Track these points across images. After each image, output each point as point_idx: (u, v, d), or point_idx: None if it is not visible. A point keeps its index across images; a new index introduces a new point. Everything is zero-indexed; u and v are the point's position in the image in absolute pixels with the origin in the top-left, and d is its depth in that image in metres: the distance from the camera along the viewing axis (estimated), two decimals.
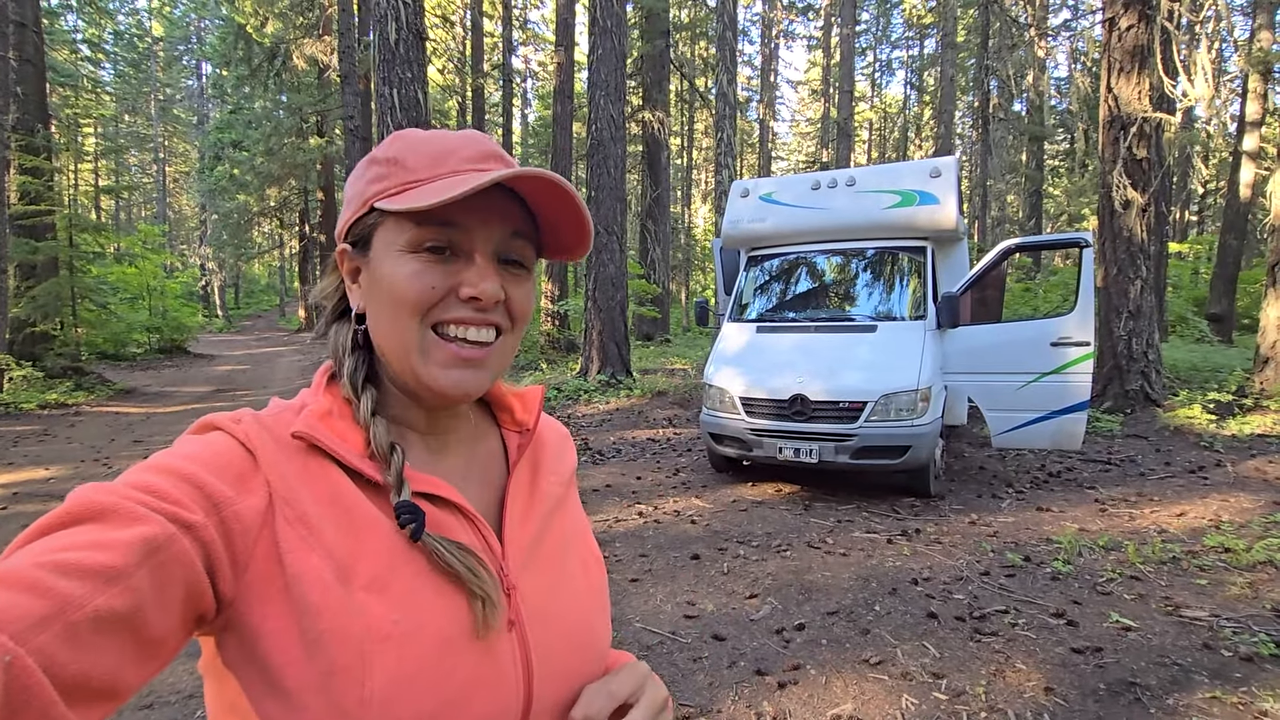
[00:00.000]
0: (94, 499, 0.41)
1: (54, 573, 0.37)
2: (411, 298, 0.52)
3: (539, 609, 0.56)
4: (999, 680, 2.42)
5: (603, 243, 9.65)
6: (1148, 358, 7.20)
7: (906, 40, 33.44)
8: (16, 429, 7.47)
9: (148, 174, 34.04)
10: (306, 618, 0.45)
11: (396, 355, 0.54)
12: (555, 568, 0.60)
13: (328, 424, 0.52)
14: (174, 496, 0.43)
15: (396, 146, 0.55)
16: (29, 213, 10.19)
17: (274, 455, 0.49)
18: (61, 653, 0.35)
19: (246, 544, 0.46)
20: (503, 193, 0.54)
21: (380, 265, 0.54)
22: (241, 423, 0.51)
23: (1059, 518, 4.31)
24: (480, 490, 0.60)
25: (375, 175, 0.55)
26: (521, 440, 0.64)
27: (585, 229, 0.57)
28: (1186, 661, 2.47)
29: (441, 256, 0.53)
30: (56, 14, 23.44)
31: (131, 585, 0.39)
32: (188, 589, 0.42)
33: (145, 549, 0.40)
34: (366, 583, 0.48)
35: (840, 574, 3.43)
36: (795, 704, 2.31)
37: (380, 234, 0.54)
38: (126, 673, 0.39)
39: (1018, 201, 26.09)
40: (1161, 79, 6.78)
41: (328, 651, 0.45)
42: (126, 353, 15.18)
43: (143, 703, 2.34)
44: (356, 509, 0.49)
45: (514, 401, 0.67)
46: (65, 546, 0.38)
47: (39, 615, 0.35)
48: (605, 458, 6.17)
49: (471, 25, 21.22)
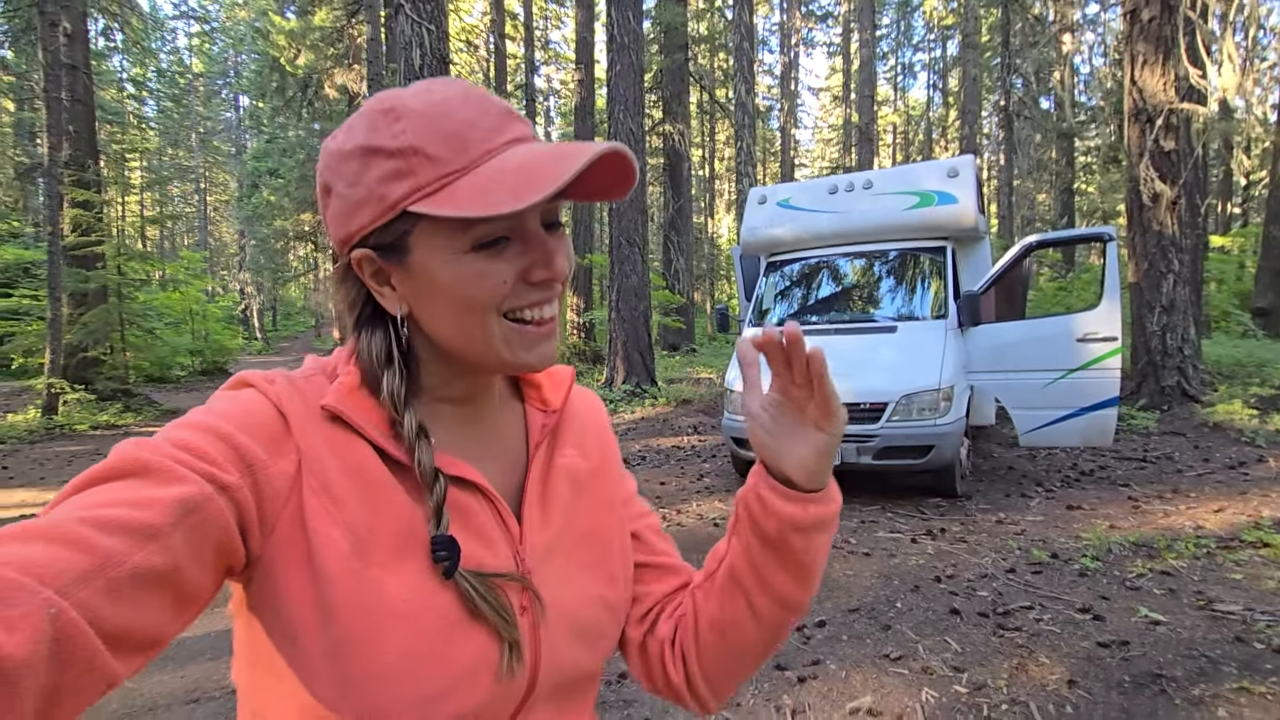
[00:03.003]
0: (137, 455, 0.43)
1: (96, 529, 0.38)
2: (485, 299, 0.50)
3: (552, 598, 0.55)
4: (1021, 674, 2.41)
5: (625, 254, 9.78)
6: (1183, 353, 7.02)
7: (928, 43, 33.18)
8: (71, 449, 7.84)
9: (189, 203, 35.42)
10: (323, 586, 0.46)
11: (473, 349, 0.52)
12: (573, 555, 0.59)
13: (355, 399, 0.52)
14: (212, 456, 0.44)
15: (402, 129, 0.48)
16: (81, 244, 10.70)
17: (304, 421, 0.50)
18: (104, 606, 0.36)
19: (275, 507, 0.47)
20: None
21: (434, 271, 0.50)
22: (275, 384, 0.51)
23: (1089, 515, 4.24)
24: (502, 469, 0.59)
25: (390, 171, 0.48)
26: (546, 420, 0.62)
27: (630, 169, 0.52)
28: (1216, 654, 2.43)
29: (501, 249, 0.50)
30: (104, 55, 24.67)
31: (169, 544, 0.40)
32: (220, 546, 0.44)
33: (183, 508, 0.41)
34: (383, 559, 0.48)
35: (862, 572, 3.43)
36: (814, 698, 2.34)
37: (421, 239, 0.50)
38: (165, 624, 0.41)
39: (1049, 200, 25.60)
40: (1187, 69, 6.67)
41: (340, 621, 0.46)
42: (171, 375, 15.78)
43: (190, 697, 2.47)
44: (378, 484, 0.50)
45: (542, 379, 0.65)
46: (108, 502, 0.40)
47: (82, 570, 0.36)
48: (631, 465, 6.23)
49: (494, 48, 21.72)
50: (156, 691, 2.50)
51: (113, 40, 22.98)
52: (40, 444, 8.14)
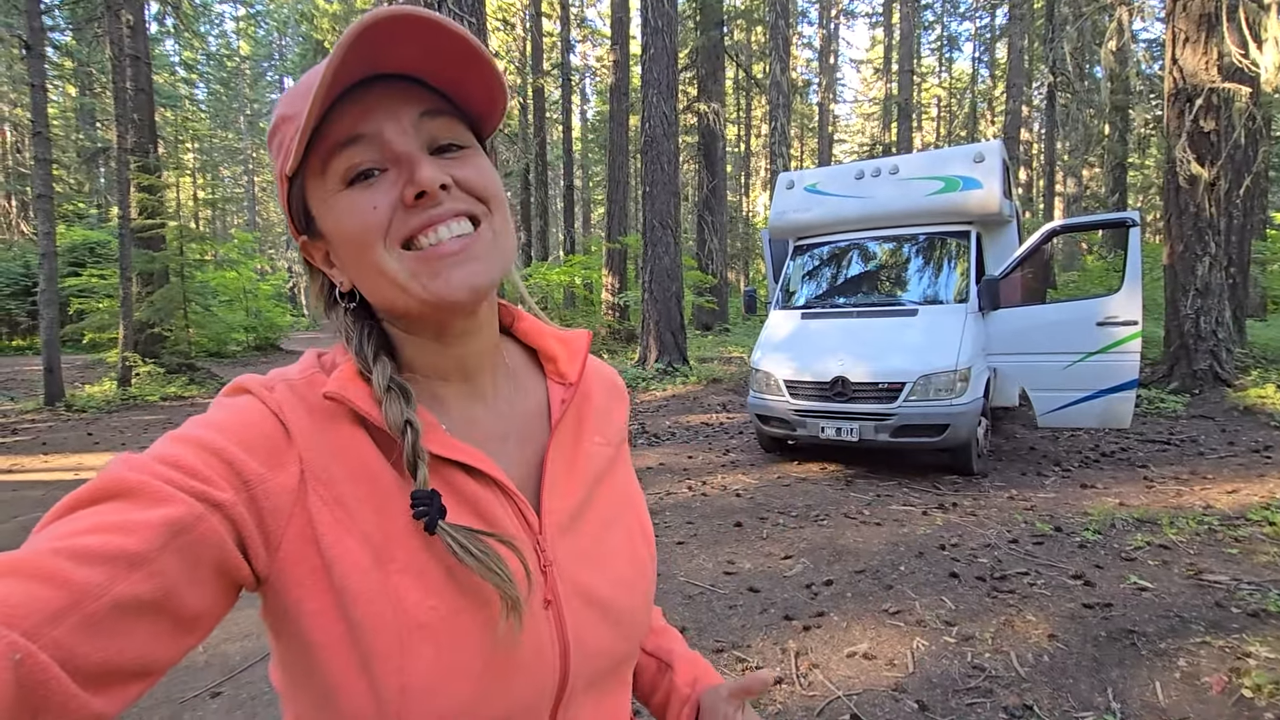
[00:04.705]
0: (122, 476, 0.41)
1: (72, 560, 0.36)
2: (362, 231, 0.48)
3: (577, 585, 0.53)
4: (1007, 629, 2.66)
5: (658, 236, 10.00)
6: (1217, 336, 6.99)
7: (975, 13, 32.06)
8: (146, 418, 8.52)
9: (239, 184, 36.69)
10: (347, 603, 0.45)
11: (391, 294, 0.50)
12: (597, 542, 0.57)
13: (358, 384, 0.50)
14: (203, 474, 0.42)
15: (279, 106, 0.51)
16: (147, 226, 11.41)
17: (306, 428, 0.48)
18: (81, 644, 0.35)
19: (278, 523, 0.45)
20: (390, 82, 0.49)
21: (326, 225, 0.50)
22: (275, 390, 0.49)
23: (1101, 494, 4.40)
24: (520, 452, 0.56)
25: (275, 148, 0.50)
26: (565, 394, 0.60)
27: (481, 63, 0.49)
28: (1190, 615, 2.64)
29: (372, 180, 0.48)
30: (157, 40, 25.63)
31: (156, 569, 0.38)
32: (218, 566, 0.42)
33: (170, 531, 0.39)
34: (403, 565, 0.46)
35: (872, 540, 3.69)
36: (817, 643, 2.63)
37: (313, 202, 0.51)
38: (159, 651, 0.39)
39: (1100, 175, 24.75)
40: (1230, 48, 6.55)
41: (367, 637, 0.44)
42: (228, 350, 16.66)
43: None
44: (386, 485, 0.48)
45: (558, 349, 0.62)
46: (87, 529, 0.38)
47: (55, 608, 0.34)
48: (660, 440, 6.55)
49: (531, 26, 21.88)
50: (249, 621, 2.92)
51: (165, 24, 23.85)
52: (118, 413, 8.85)
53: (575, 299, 18.85)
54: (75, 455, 6.35)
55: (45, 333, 8.66)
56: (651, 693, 0.70)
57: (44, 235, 8.67)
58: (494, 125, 0.56)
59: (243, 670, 2.56)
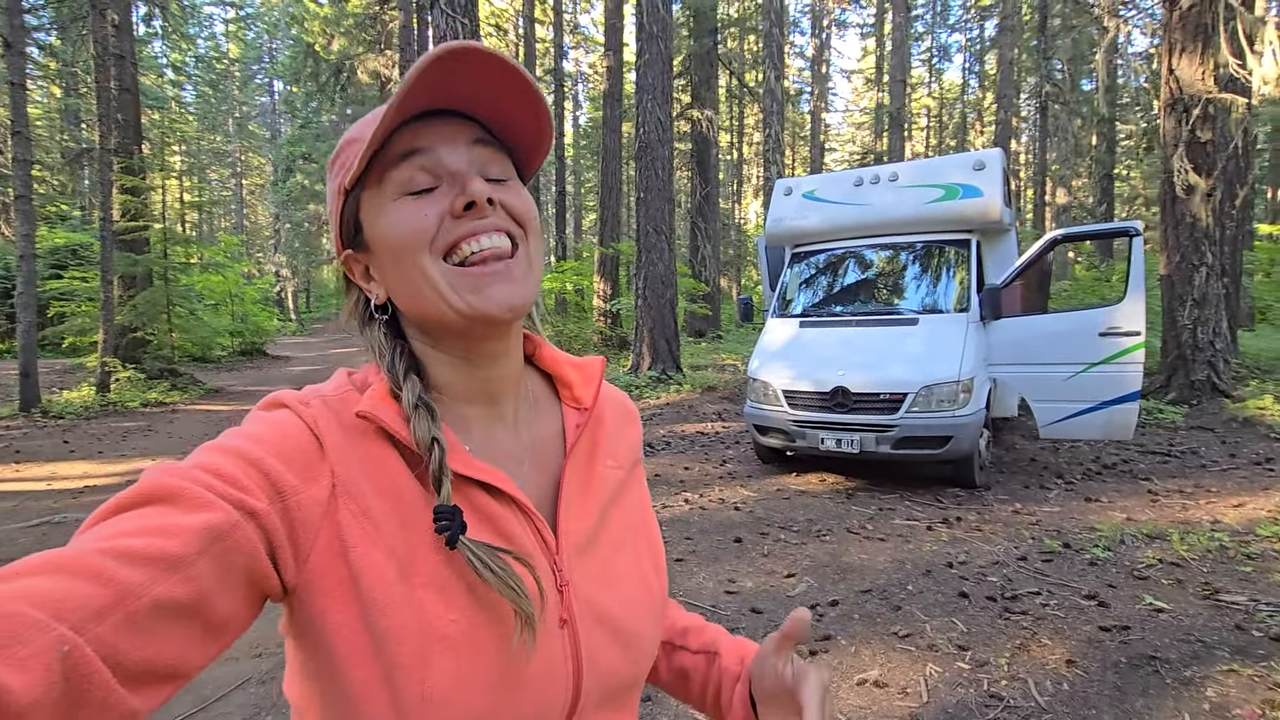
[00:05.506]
0: (164, 482, 0.42)
1: (117, 560, 0.37)
2: (411, 233, 0.51)
3: (591, 606, 0.55)
4: (1023, 653, 2.55)
5: (651, 243, 9.90)
6: (1215, 347, 6.96)
7: (965, 24, 32.36)
8: (125, 425, 8.29)
9: (226, 187, 36.29)
10: (373, 614, 0.46)
11: (428, 304, 0.52)
12: (609, 564, 0.58)
13: (389, 404, 0.52)
14: (241, 482, 0.44)
15: (347, 134, 0.56)
16: (129, 229, 11.18)
17: (339, 442, 0.50)
18: (123, 641, 0.36)
19: (308, 535, 0.46)
20: (449, 116, 0.54)
21: (375, 232, 0.53)
22: (310, 406, 0.51)
23: (1107, 508, 4.31)
24: (537, 475, 0.58)
25: (337, 168, 0.55)
26: (580, 419, 0.61)
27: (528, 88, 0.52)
28: (1212, 640, 2.54)
29: (426, 194, 0.52)
30: (145, 42, 25.33)
31: (193, 573, 0.39)
32: (250, 574, 0.43)
33: (209, 536, 0.41)
34: (425, 579, 0.48)
35: (877, 557, 3.58)
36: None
37: (364, 211, 0.54)
38: (191, 654, 0.40)
39: (1088, 186, 24.97)
40: (1227, 58, 6.54)
41: (391, 648, 0.45)
42: (212, 355, 16.36)
43: (254, 651, 2.73)
44: (412, 501, 0.50)
45: (573, 375, 0.64)
46: (131, 531, 0.39)
47: (100, 604, 0.35)
48: (655, 450, 6.42)
49: (523, 32, 21.81)
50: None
51: (153, 26, 23.58)
52: (96, 419, 8.61)
53: (567, 305, 18.73)
54: (49, 464, 6.13)
55: (22, 337, 8.42)
56: (705, 686, 0.68)
57: (23, 237, 8.45)
58: (536, 165, 0.59)
59: (215, 700, 2.40)
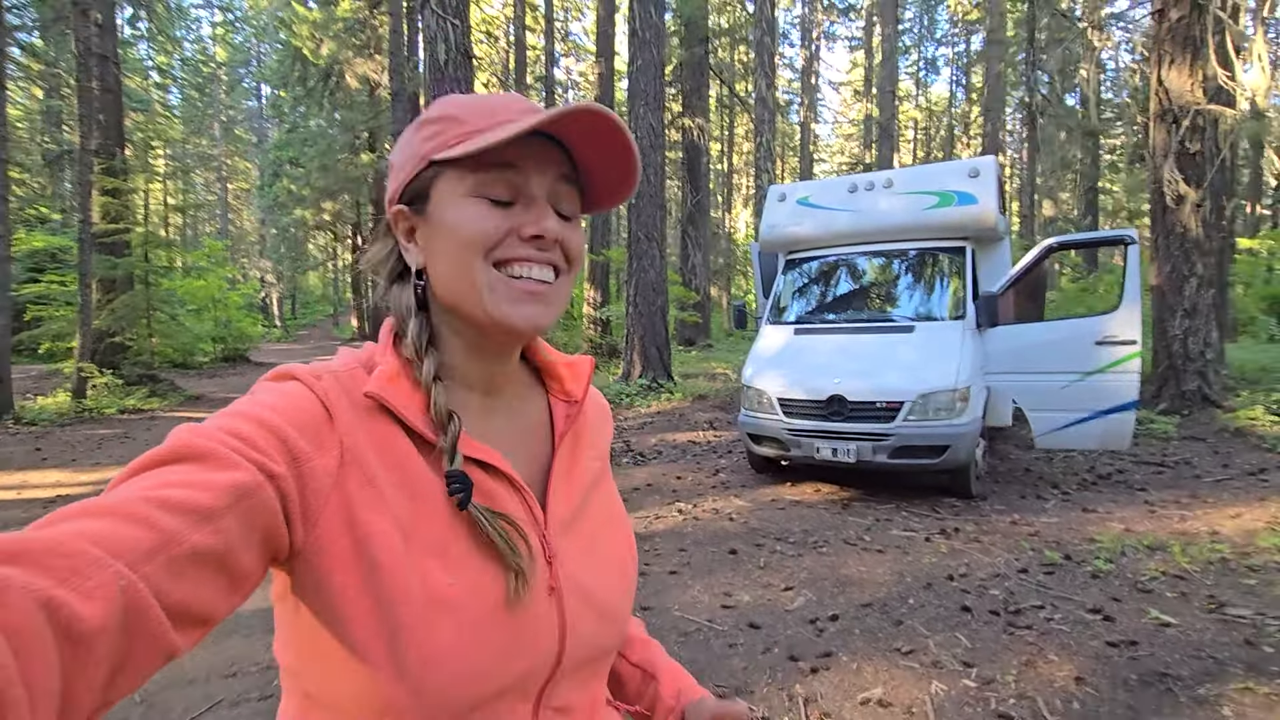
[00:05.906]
0: (194, 441, 0.44)
1: (159, 508, 0.39)
2: (477, 236, 0.54)
3: (575, 579, 0.59)
4: (1030, 670, 2.46)
5: (643, 249, 9.82)
6: (1205, 357, 6.97)
7: (952, 37, 32.78)
8: (100, 432, 8.06)
9: (211, 191, 35.90)
10: (375, 577, 0.48)
11: (465, 297, 0.56)
12: (591, 542, 0.63)
13: (395, 385, 0.55)
14: (262, 447, 0.46)
15: (447, 106, 0.57)
16: (109, 231, 10.93)
17: (348, 415, 0.52)
18: (166, 581, 0.38)
19: (318, 501, 0.48)
20: (549, 142, 0.57)
21: (443, 214, 0.56)
22: (322, 379, 0.53)
23: (1104, 519, 4.26)
24: (527, 459, 0.62)
25: (430, 133, 0.57)
26: (569, 411, 0.66)
27: (632, 160, 0.58)
28: (1223, 655, 2.47)
29: (505, 207, 0.55)
30: (130, 44, 25.03)
31: (222, 525, 0.41)
32: (267, 532, 0.45)
33: (236, 493, 0.43)
34: (427, 546, 0.51)
35: (876, 569, 3.49)
36: (826, 688, 2.41)
37: (439, 186, 0.56)
38: (219, 602, 0.42)
39: (1072, 198, 25.26)
40: (1215, 70, 6.59)
41: (394, 610, 0.48)
42: (194, 361, 16.08)
43: (229, 671, 2.59)
44: (417, 474, 0.53)
45: (564, 370, 0.68)
46: (168, 484, 0.41)
47: (147, 547, 0.38)
48: (646, 459, 6.31)
49: (515, 40, 21.78)
50: (195, 666, 2.62)
51: (138, 28, 23.32)
52: (70, 427, 8.37)
53: None
54: (20, 472, 5.92)
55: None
56: (639, 699, 0.75)
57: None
58: (598, 211, 0.65)
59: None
